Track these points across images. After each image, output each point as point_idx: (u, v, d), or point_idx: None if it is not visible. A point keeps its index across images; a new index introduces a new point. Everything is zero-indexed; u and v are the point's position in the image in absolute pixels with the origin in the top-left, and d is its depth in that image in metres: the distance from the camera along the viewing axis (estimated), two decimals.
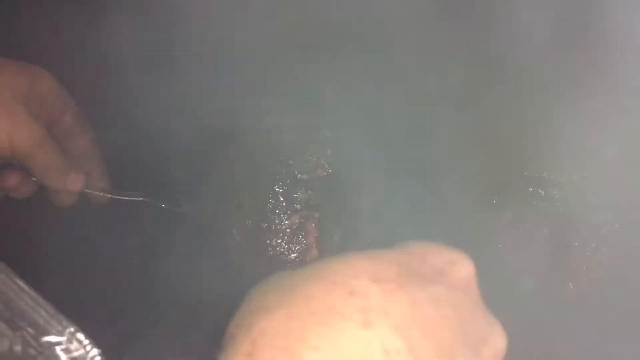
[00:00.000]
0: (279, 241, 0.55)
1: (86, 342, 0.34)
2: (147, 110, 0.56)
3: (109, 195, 0.53)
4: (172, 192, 0.54)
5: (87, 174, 0.51)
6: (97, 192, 0.52)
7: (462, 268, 0.34)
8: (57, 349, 0.34)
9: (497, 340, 0.32)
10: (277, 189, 0.56)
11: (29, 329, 0.34)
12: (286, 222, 0.55)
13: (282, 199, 0.55)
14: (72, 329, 0.34)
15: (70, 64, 0.52)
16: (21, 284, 0.36)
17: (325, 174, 0.56)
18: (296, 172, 0.56)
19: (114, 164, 0.54)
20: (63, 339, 0.34)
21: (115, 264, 0.54)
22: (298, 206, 0.55)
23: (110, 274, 0.53)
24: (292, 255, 0.54)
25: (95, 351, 0.33)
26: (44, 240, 0.53)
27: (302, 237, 0.55)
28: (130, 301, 0.51)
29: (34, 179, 0.49)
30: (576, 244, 0.54)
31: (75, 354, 0.33)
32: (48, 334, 0.34)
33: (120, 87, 0.56)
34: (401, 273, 0.31)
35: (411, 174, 0.55)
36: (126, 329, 0.47)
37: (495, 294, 0.53)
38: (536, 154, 0.54)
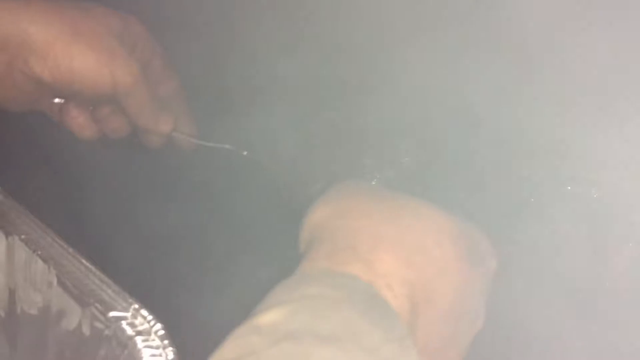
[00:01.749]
0: None
1: (150, 317, 0.36)
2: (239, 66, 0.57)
3: (196, 141, 0.53)
4: (257, 143, 0.55)
5: (175, 118, 0.52)
6: (184, 137, 0.53)
7: (494, 263, 0.41)
8: (123, 323, 0.36)
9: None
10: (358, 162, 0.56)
11: (97, 305, 0.36)
12: None
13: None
14: (136, 306, 0.36)
15: (157, 14, 0.53)
16: (88, 264, 0.39)
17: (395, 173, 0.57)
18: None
19: (200, 111, 0.55)
20: (128, 314, 0.36)
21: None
22: None
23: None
24: None
25: (158, 325, 0.35)
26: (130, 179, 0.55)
27: None
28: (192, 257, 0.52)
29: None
30: (614, 243, 0.55)
31: (140, 327, 0.35)
32: (114, 309, 0.36)
33: (210, 42, 0.57)
34: (468, 246, 0.38)
35: (456, 174, 0.56)
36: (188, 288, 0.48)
37: (533, 292, 0.54)
38: (574, 153, 0.55)
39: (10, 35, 0.44)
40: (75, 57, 0.45)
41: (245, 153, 0.54)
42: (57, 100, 0.50)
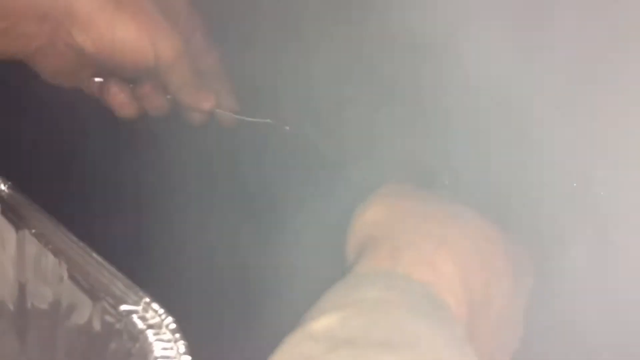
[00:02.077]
0: None
1: (161, 311, 0.36)
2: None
3: (237, 117, 0.53)
4: (301, 119, 0.54)
5: (217, 94, 0.51)
6: (225, 112, 0.52)
7: (532, 280, 0.41)
8: (134, 316, 0.36)
9: None
10: None
11: (108, 299, 0.37)
12: None
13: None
14: (147, 299, 0.36)
15: None
16: (99, 258, 0.39)
17: None
18: None
19: (241, 86, 0.54)
20: (139, 308, 0.36)
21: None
22: None
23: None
24: None
25: (170, 319, 0.35)
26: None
27: None
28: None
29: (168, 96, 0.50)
30: (619, 242, 0.54)
31: (152, 321, 0.35)
32: (125, 303, 0.36)
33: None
34: (515, 260, 0.39)
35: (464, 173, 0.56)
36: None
37: (538, 290, 0.54)
38: (581, 150, 0.55)
39: (54, 5, 0.44)
40: (118, 28, 0.45)
41: (287, 128, 0.53)
42: (97, 78, 0.50)
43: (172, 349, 0.34)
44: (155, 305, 0.36)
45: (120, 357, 0.36)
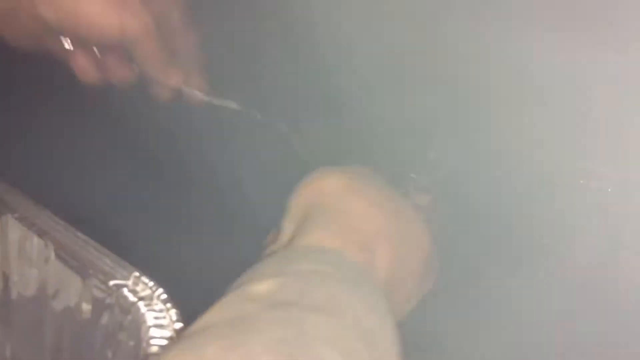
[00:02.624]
0: None
1: (151, 283, 0.36)
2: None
3: (205, 98, 0.53)
4: (274, 108, 0.55)
5: (187, 72, 0.51)
6: (194, 91, 0.52)
7: (431, 284, 0.45)
8: (125, 290, 0.36)
9: None
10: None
11: (98, 275, 0.36)
12: None
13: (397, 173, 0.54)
14: (137, 273, 0.36)
15: None
16: (84, 237, 0.38)
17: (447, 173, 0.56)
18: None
19: (214, 69, 0.54)
20: (129, 282, 0.36)
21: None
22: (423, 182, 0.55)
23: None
24: None
25: (160, 290, 0.36)
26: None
27: None
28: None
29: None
30: (626, 239, 0.55)
31: (142, 294, 0.35)
32: (114, 278, 0.36)
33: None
34: (430, 259, 0.43)
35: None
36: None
37: (545, 287, 0.54)
38: (589, 147, 0.54)
39: None
40: (82, 1, 0.45)
41: (259, 116, 0.53)
42: (63, 40, 0.49)
43: (164, 317, 0.34)
44: (145, 279, 0.36)
45: (111, 330, 0.36)
